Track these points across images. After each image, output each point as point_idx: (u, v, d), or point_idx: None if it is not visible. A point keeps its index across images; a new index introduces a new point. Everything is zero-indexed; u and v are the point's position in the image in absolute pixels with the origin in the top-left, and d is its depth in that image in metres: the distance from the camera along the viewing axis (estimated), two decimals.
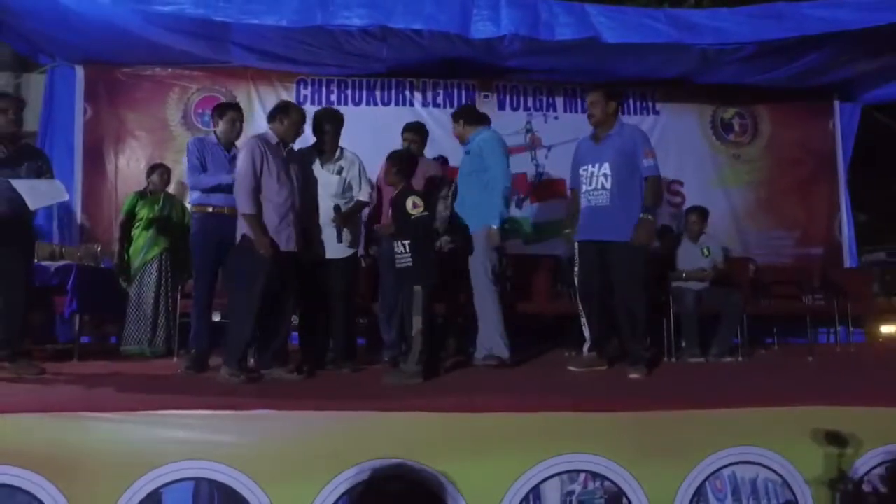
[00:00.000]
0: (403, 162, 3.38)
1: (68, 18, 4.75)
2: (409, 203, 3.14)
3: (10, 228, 3.24)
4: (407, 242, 3.17)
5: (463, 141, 3.86)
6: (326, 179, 3.51)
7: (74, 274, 4.16)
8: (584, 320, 3.57)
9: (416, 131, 4.08)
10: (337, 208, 3.44)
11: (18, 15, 4.86)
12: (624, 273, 3.35)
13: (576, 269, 3.61)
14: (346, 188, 3.55)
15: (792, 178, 6.34)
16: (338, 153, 3.58)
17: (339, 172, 3.54)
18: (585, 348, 3.56)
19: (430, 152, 4.41)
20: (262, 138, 3.23)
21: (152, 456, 2.11)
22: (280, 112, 3.28)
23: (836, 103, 6.43)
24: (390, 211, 3.40)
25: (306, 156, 3.56)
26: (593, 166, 3.46)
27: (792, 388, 2.93)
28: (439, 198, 3.85)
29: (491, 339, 3.51)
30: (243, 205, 3.08)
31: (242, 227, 3.15)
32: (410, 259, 3.15)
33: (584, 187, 3.52)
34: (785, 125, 6.39)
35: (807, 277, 5.74)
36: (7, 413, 2.15)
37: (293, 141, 3.38)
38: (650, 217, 3.34)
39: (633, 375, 3.23)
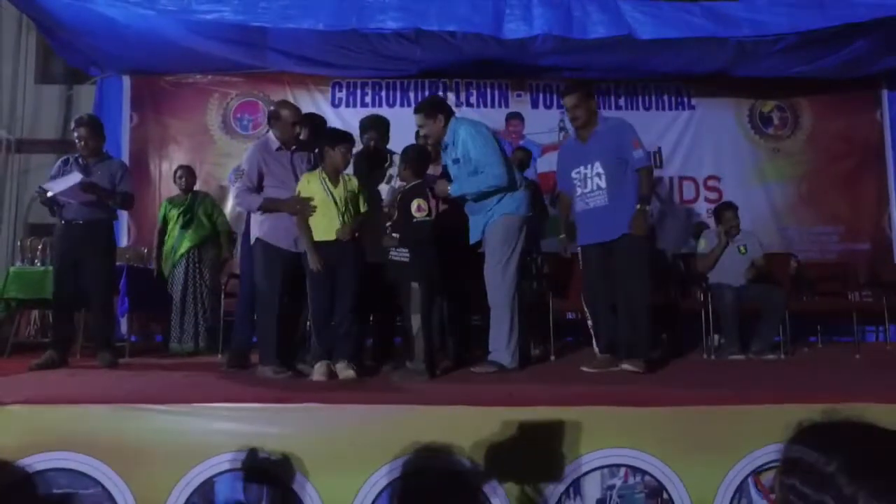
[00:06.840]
0: (413, 159, 3.14)
1: (118, 31, 4.97)
2: (413, 205, 2.97)
3: (96, 231, 3.63)
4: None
5: (438, 141, 3.35)
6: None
7: (125, 274, 4.34)
8: (590, 323, 3.45)
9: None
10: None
11: (74, 31, 5.13)
12: (624, 263, 3.25)
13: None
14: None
15: (836, 172, 6.14)
16: (388, 160, 3.52)
17: (388, 181, 3.45)
18: (596, 350, 3.42)
19: None
20: (261, 144, 3.27)
21: (206, 446, 2.19)
22: (271, 118, 3.26)
23: (885, 92, 6.19)
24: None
25: (356, 163, 3.47)
26: (585, 168, 3.34)
27: (839, 385, 2.86)
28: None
29: (495, 343, 3.19)
30: (252, 203, 3.11)
31: (255, 230, 3.18)
32: (408, 255, 3.00)
33: (578, 190, 3.39)
34: (828, 117, 6.19)
35: (853, 274, 5.56)
36: (74, 404, 2.29)
37: (292, 142, 3.24)
38: (646, 208, 3.28)
39: (627, 367, 3.10)
